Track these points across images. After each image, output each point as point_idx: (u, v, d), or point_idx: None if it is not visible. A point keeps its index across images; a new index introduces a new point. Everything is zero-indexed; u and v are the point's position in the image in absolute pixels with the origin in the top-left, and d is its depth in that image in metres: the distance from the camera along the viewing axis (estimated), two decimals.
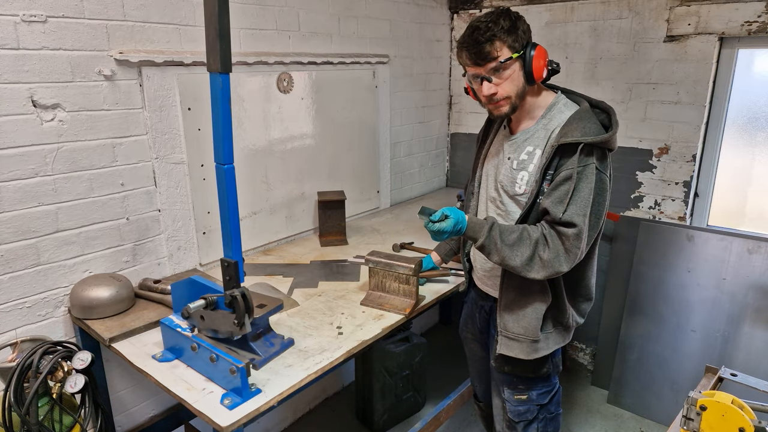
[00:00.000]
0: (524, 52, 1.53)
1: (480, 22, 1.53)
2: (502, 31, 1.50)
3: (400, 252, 2.39)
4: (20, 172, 1.70)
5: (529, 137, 1.63)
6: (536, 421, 1.77)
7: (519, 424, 1.77)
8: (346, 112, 2.82)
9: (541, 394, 1.75)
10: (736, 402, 1.31)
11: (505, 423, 1.81)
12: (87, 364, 1.60)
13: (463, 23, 3.41)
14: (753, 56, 2.55)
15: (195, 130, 2.12)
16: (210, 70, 1.31)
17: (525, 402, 1.75)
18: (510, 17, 1.53)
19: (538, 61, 1.53)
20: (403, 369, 2.81)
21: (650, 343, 2.84)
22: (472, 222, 1.57)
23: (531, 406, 1.76)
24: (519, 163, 1.62)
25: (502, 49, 1.51)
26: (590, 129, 1.48)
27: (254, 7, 2.27)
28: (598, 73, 2.91)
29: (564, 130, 1.51)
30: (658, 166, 2.82)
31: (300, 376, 1.53)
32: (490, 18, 1.52)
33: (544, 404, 1.77)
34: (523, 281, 1.60)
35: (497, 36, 1.50)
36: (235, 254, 1.44)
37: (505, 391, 1.78)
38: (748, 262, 2.53)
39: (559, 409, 1.83)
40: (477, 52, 1.52)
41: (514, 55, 1.52)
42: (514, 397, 1.76)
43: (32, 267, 1.78)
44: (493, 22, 1.51)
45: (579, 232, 1.47)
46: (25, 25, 1.63)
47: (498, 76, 1.54)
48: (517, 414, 1.77)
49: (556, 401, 1.80)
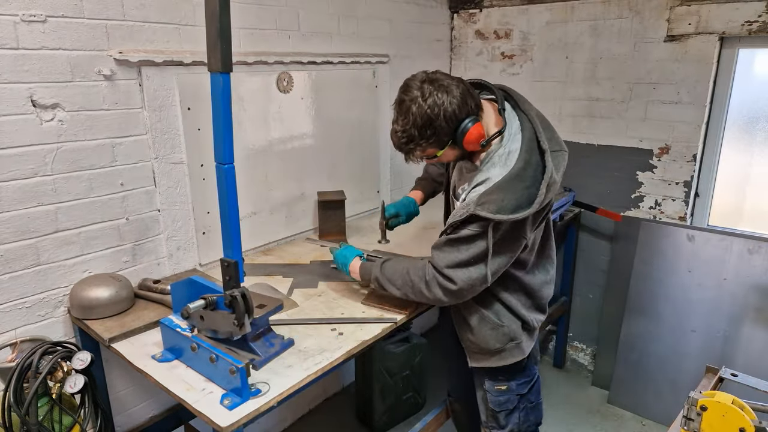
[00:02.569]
0: (453, 137, 1.51)
1: (397, 126, 1.52)
2: (416, 142, 1.50)
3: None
4: (20, 172, 1.70)
5: (471, 174, 1.65)
6: (517, 411, 1.84)
7: (501, 413, 1.84)
8: (346, 112, 2.81)
9: (520, 384, 1.82)
10: (736, 402, 1.30)
11: (488, 413, 1.88)
12: (86, 364, 1.60)
13: (463, 23, 3.41)
14: (753, 56, 2.55)
15: (195, 129, 2.12)
16: (211, 69, 1.31)
17: (505, 392, 1.81)
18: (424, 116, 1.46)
19: (471, 142, 1.52)
20: (403, 369, 2.81)
21: (650, 343, 2.84)
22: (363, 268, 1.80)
23: (511, 396, 1.82)
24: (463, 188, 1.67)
25: (426, 151, 1.55)
26: (508, 203, 1.45)
27: (254, 7, 2.27)
28: (598, 72, 2.91)
29: (482, 198, 1.48)
30: (659, 166, 2.82)
31: (300, 377, 1.52)
32: (404, 124, 1.49)
33: (524, 394, 1.84)
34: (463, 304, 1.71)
35: (415, 148, 1.53)
36: (235, 254, 1.43)
37: (486, 382, 1.84)
38: (749, 262, 2.53)
39: (539, 398, 1.89)
40: (407, 156, 1.58)
41: (438, 153, 1.55)
42: (494, 387, 1.82)
43: (32, 267, 1.77)
44: (407, 131, 1.49)
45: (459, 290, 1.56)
46: (24, 24, 1.63)
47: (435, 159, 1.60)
48: (498, 404, 1.83)
49: (536, 390, 1.87)
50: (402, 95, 1.52)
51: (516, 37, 3.19)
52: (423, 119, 1.47)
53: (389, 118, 1.61)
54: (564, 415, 2.92)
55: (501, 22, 3.23)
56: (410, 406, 2.93)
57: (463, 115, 1.49)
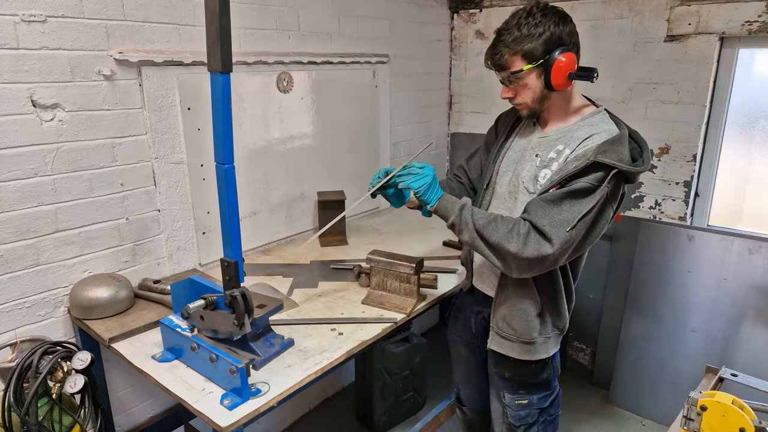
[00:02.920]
0: (545, 60, 1.48)
1: (506, 23, 1.51)
2: (517, 41, 1.47)
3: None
4: (20, 172, 1.70)
5: (562, 136, 1.58)
6: (537, 425, 1.77)
7: (519, 428, 1.77)
8: (346, 112, 2.81)
9: (541, 398, 1.75)
10: (736, 402, 1.30)
11: (505, 427, 1.81)
12: (87, 364, 1.60)
13: (463, 23, 3.41)
14: (753, 56, 2.55)
15: (195, 130, 2.12)
16: (211, 69, 1.31)
17: (526, 406, 1.75)
18: (536, 20, 1.47)
19: (559, 72, 1.48)
20: (404, 369, 2.81)
21: (650, 343, 2.84)
22: (444, 198, 1.58)
23: (531, 410, 1.75)
24: (543, 161, 1.59)
25: (515, 60, 1.49)
26: (626, 157, 1.46)
27: (254, 7, 2.27)
28: (598, 72, 2.90)
29: (603, 147, 1.45)
30: (659, 166, 2.82)
31: (300, 377, 1.52)
32: (515, 20, 1.49)
33: (545, 407, 1.77)
34: (518, 282, 1.60)
35: (509, 47, 1.48)
36: (235, 254, 1.44)
37: (505, 396, 1.77)
38: (749, 263, 2.53)
39: (558, 410, 1.83)
40: (492, 58, 1.53)
41: (525, 67, 1.49)
42: (515, 402, 1.75)
43: (32, 267, 1.77)
44: (516, 26, 1.48)
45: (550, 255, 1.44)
46: (24, 24, 1.63)
47: (514, 83, 1.54)
48: (518, 418, 1.76)
49: (556, 404, 1.81)
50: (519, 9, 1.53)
51: None
52: (529, 24, 1.46)
53: (389, 118, 1.60)
54: (564, 415, 2.91)
55: (501, 22, 3.21)
56: (410, 406, 2.92)
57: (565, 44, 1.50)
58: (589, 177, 1.43)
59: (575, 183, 1.44)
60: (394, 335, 2.71)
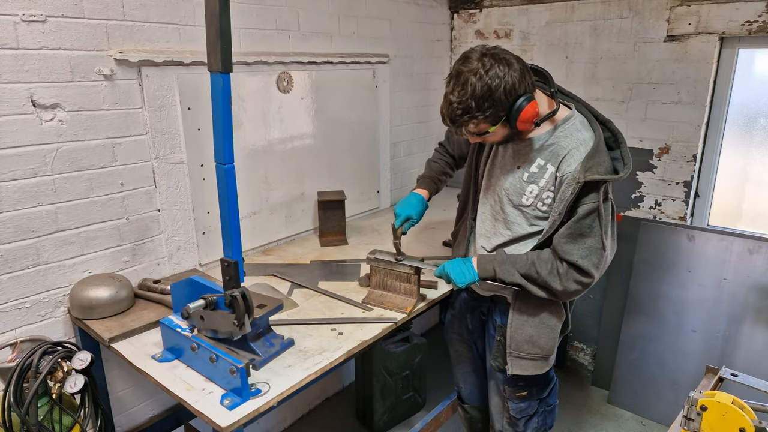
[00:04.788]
0: (508, 114, 1.47)
1: (453, 97, 1.45)
2: (471, 114, 1.44)
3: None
4: (20, 172, 1.70)
5: (540, 147, 1.59)
6: (537, 416, 1.81)
7: (521, 420, 1.80)
8: (346, 112, 2.81)
9: (540, 388, 1.80)
10: (736, 402, 1.30)
11: (506, 420, 1.84)
12: (86, 364, 1.60)
13: (463, 23, 3.41)
14: (753, 56, 2.55)
15: (195, 130, 2.12)
16: (211, 69, 1.31)
17: (526, 398, 1.78)
18: (483, 82, 1.41)
19: (525, 123, 1.49)
20: (403, 369, 2.81)
21: (650, 343, 2.84)
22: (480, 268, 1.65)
23: (532, 402, 1.80)
24: (530, 176, 1.61)
25: (480, 125, 1.49)
26: (607, 163, 1.51)
27: (254, 7, 2.27)
28: (598, 72, 2.91)
29: (587, 164, 1.47)
30: (659, 166, 2.82)
31: (300, 377, 1.52)
32: (462, 95, 1.43)
33: (544, 397, 1.82)
34: (540, 302, 1.65)
35: (469, 121, 1.47)
36: (235, 254, 1.43)
37: (506, 389, 1.80)
38: (749, 263, 2.53)
39: (555, 400, 1.87)
40: (456, 131, 1.54)
41: (491, 129, 1.49)
42: (515, 394, 1.79)
43: (32, 267, 1.77)
44: (471, 96, 1.42)
45: (593, 281, 1.53)
46: (24, 24, 1.63)
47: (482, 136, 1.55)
48: (519, 410, 1.80)
49: (554, 393, 1.86)
50: (460, 66, 1.46)
51: (516, 37, 3.19)
52: (482, 90, 1.41)
53: (389, 118, 1.61)
54: (564, 415, 2.92)
55: (501, 21, 3.24)
56: (410, 406, 2.92)
57: (522, 91, 1.45)
58: (587, 197, 1.49)
59: (579, 208, 1.50)
60: (394, 335, 2.71)
